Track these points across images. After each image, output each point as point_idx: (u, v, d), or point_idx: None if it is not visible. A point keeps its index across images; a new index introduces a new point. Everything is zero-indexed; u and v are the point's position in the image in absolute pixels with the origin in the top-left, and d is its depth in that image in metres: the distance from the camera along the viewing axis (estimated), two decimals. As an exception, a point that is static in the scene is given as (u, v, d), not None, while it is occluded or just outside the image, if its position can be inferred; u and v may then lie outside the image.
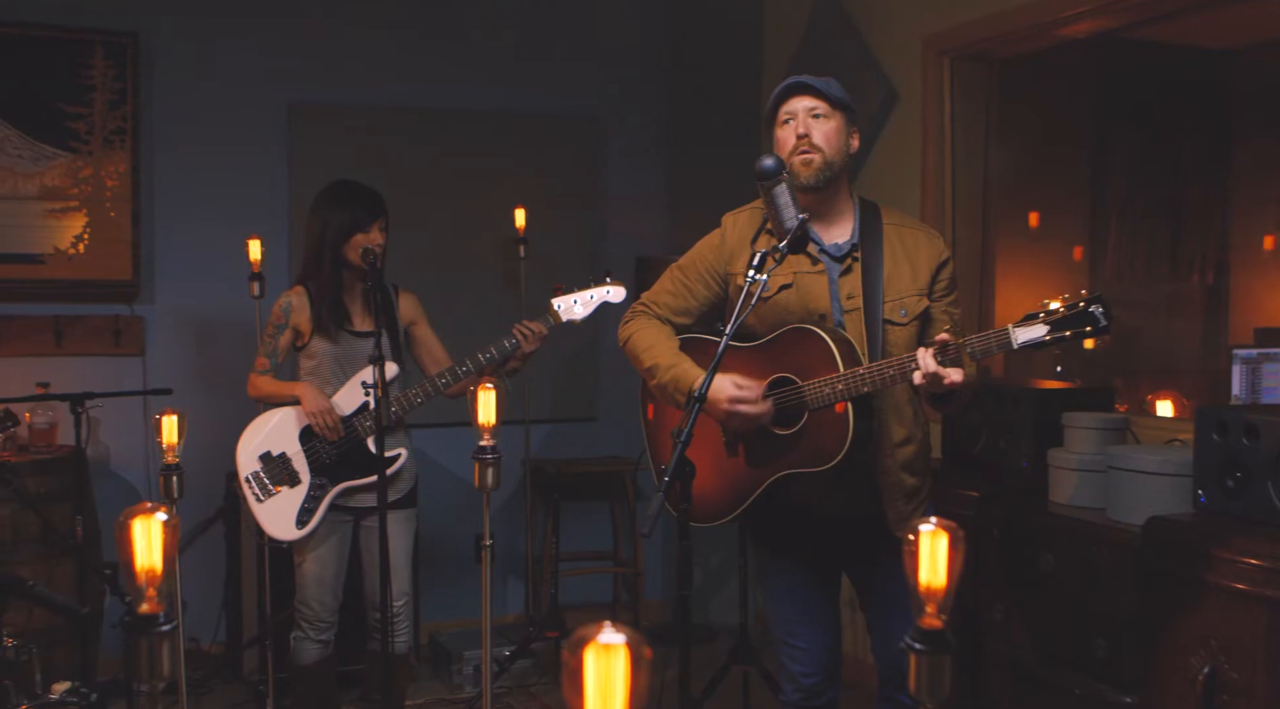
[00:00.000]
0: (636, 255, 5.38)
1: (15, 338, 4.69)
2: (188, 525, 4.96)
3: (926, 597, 1.50)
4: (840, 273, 2.77)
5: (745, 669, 4.13)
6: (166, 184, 4.92)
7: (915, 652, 1.50)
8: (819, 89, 2.75)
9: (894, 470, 2.77)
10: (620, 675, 1.01)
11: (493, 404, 2.48)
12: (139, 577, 1.49)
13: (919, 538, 1.49)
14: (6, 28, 4.63)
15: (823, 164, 2.74)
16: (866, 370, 2.59)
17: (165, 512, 1.51)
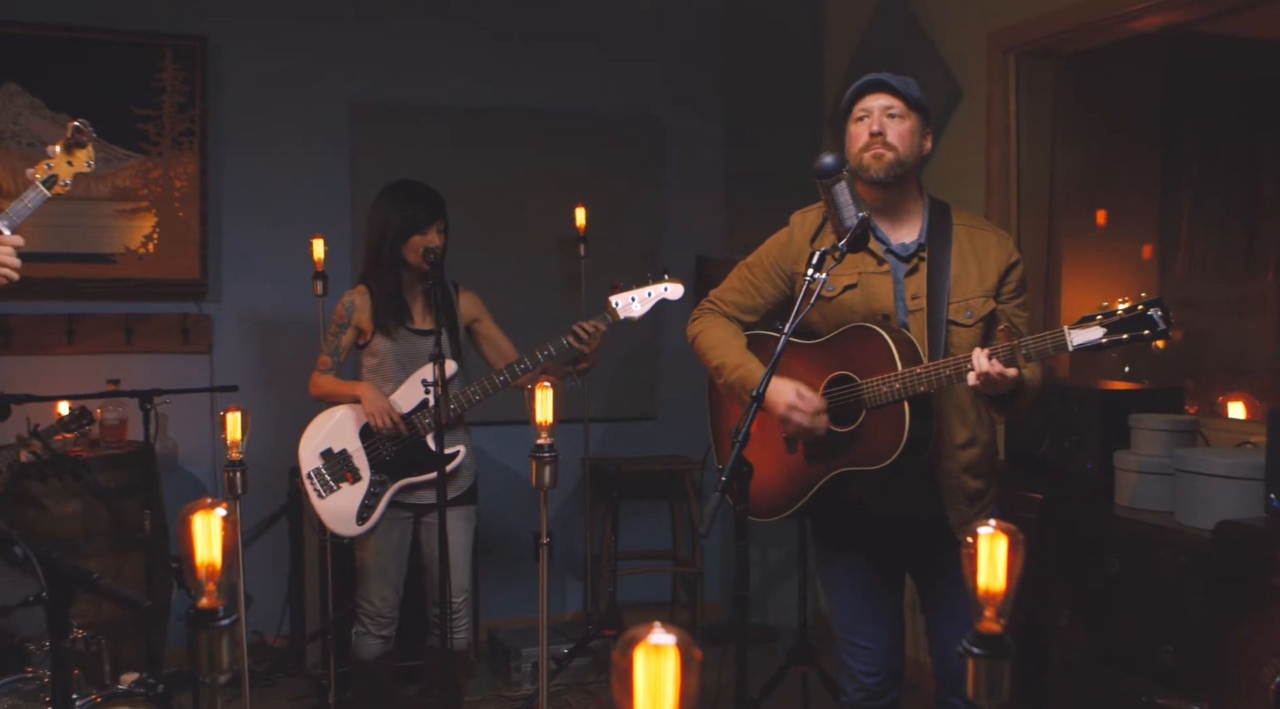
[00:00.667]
0: (696, 254, 5.38)
1: (88, 335, 4.79)
2: (252, 521, 5.03)
3: (985, 600, 1.48)
4: (906, 272, 2.76)
5: (804, 670, 4.11)
6: (233, 184, 4.99)
7: (973, 656, 1.48)
8: (896, 88, 2.73)
9: (956, 473, 2.74)
10: (670, 676, 1.01)
11: (550, 403, 2.48)
12: (199, 571, 1.51)
13: (978, 541, 1.47)
14: (80, 33, 4.73)
15: (894, 161, 2.72)
16: (924, 370, 2.57)
17: (225, 507, 1.52)
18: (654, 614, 5.47)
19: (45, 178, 2.33)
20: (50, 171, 2.34)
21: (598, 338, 3.76)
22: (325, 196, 5.07)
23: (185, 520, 1.50)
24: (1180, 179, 5.41)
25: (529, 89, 5.32)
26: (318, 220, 4.84)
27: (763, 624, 5.42)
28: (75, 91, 4.71)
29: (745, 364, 2.83)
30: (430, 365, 3.58)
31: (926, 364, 2.59)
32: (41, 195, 2.31)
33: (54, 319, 4.74)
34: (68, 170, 2.36)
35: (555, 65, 5.36)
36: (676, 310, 5.41)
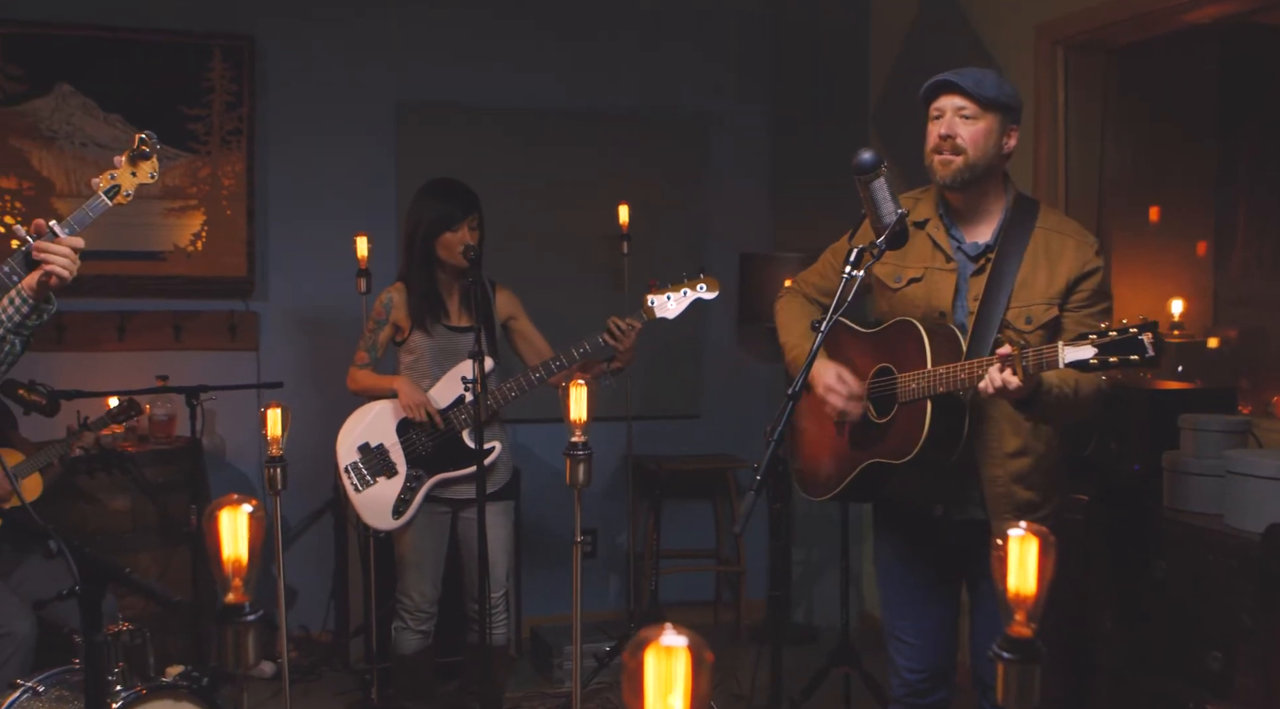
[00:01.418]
0: (740, 251, 5.36)
1: (138, 332, 4.85)
2: (298, 517, 5.08)
3: (1016, 604, 1.45)
4: (972, 272, 2.73)
5: (846, 671, 4.07)
6: (280, 182, 5.04)
7: (1003, 660, 1.45)
8: (967, 89, 2.66)
9: (1004, 481, 2.70)
10: (681, 678, 0.99)
11: (584, 400, 2.48)
12: (225, 567, 1.52)
13: (1008, 543, 1.45)
14: (131, 34, 4.79)
15: (963, 166, 2.67)
16: (944, 371, 2.57)
17: (252, 504, 1.53)
18: (697, 613, 5.49)
19: (108, 188, 2.38)
20: (113, 181, 2.38)
21: (632, 336, 3.75)
22: (370, 194, 5.10)
23: (212, 517, 1.51)
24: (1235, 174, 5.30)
25: (574, 87, 5.32)
26: (363, 218, 4.88)
27: (807, 624, 5.40)
28: (126, 92, 4.78)
29: (801, 346, 2.90)
30: (468, 362, 3.60)
31: (949, 365, 2.58)
32: (103, 204, 2.36)
33: (106, 316, 4.81)
34: (131, 181, 2.41)
35: (600, 63, 5.36)
36: (721, 308, 5.43)
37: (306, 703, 4.49)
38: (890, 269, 2.82)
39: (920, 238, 2.78)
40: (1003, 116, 2.69)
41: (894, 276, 2.81)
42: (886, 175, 2.53)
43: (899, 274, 2.80)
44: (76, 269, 2.26)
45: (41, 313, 2.29)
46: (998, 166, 2.73)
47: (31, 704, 3.07)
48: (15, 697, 3.07)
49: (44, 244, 2.21)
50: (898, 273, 2.81)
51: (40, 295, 2.27)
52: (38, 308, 2.28)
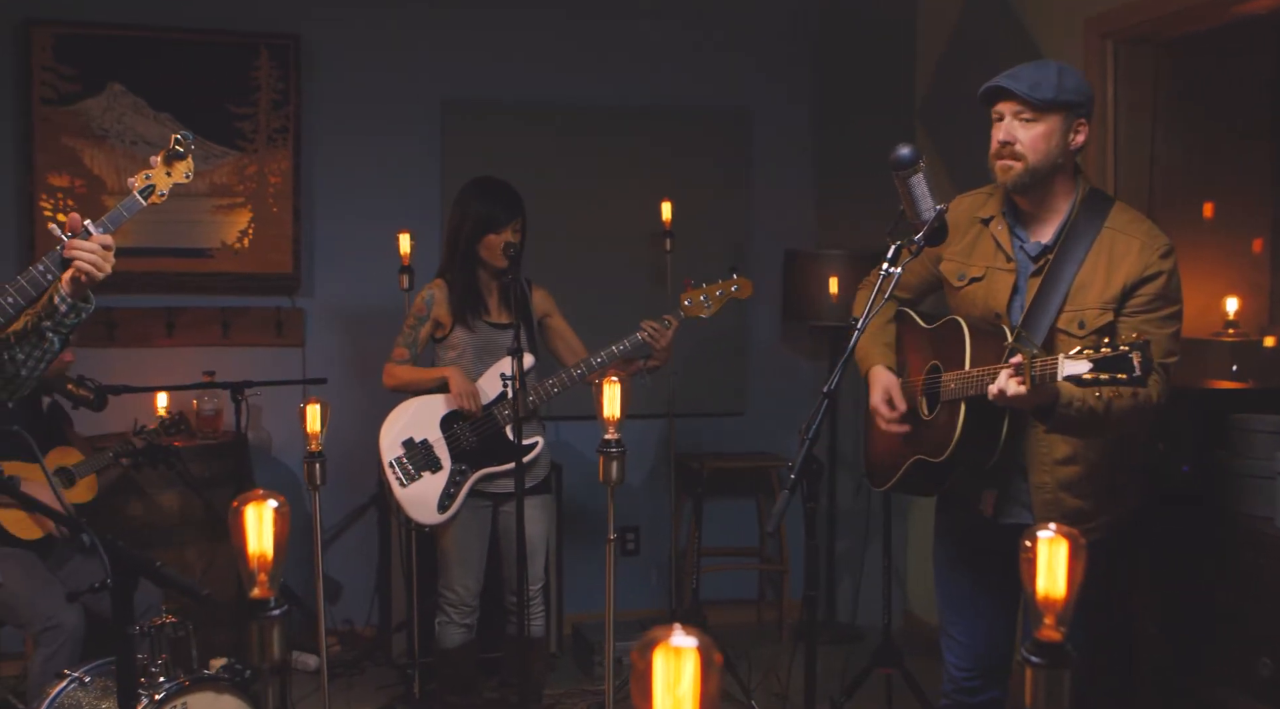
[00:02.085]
0: (785, 248, 5.32)
1: (187, 328, 4.92)
2: (342, 512, 5.13)
3: (1044, 607, 1.43)
4: (1032, 273, 2.68)
5: (888, 671, 4.04)
6: (325, 180, 5.08)
7: (1031, 665, 1.42)
8: (1021, 95, 2.59)
9: (1050, 487, 2.65)
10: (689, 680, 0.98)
11: (618, 398, 2.48)
12: (251, 562, 1.52)
13: (1036, 545, 1.42)
14: (180, 33, 4.85)
15: (1022, 171, 2.61)
16: (978, 373, 2.55)
17: (278, 499, 1.54)
18: (740, 611, 5.47)
19: (143, 188, 2.41)
20: (148, 181, 2.42)
21: (668, 335, 3.78)
22: (415, 191, 5.13)
23: (237, 512, 1.52)
24: (1293, 169, 5.17)
25: (617, 83, 5.32)
26: (407, 215, 4.91)
27: (852, 624, 5.35)
28: (176, 91, 4.84)
29: (869, 346, 2.90)
30: (508, 359, 3.66)
31: (971, 369, 2.57)
32: (137, 203, 2.39)
33: (155, 312, 4.88)
34: (166, 181, 2.44)
35: (644, 59, 5.35)
36: (766, 305, 5.40)
37: (349, 696, 4.52)
38: (955, 266, 2.79)
39: (985, 236, 2.74)
40: (1066, 114, 2.61)
41: (957, 275, 2.78)
42: (925, 170, 2.50)
43: (962, 272, 2.77)
44: (109, 267, 2.29)
45: (79, 311, 2.32)
46: (1064, 164, 2.66)
47: (77, 693, 3.12)
48: (62, 686, 3.13)
49: (75, 242, 2.24)
50: (961, 270, 2.77)
51: (77, 294, 2.30)
52: (75, 306, 2.31)
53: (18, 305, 2.26)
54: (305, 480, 3.03)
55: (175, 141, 2.44)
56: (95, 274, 2.25)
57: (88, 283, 2.27)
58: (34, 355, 2.29)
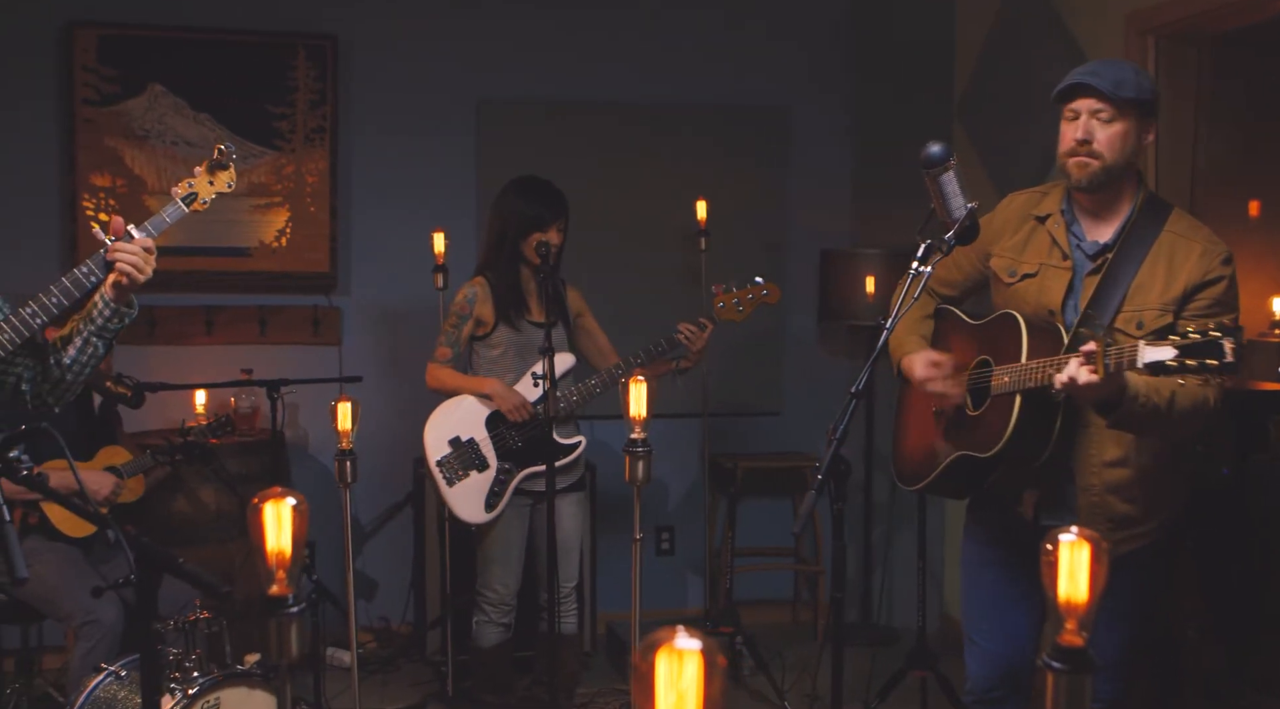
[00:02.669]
0: (821, 248, 5.29)
1: (225, 326, 4.97)
2: (377, 509, 5.16)
3: (1066, 612, 1.40)
4: (1089, 272, 2.64)
5: (922, 674, 4.00)
6: (362, 179, 5.11)
7: (1053, 670, 1.40)
8: (1104, 91, 2.54)
9: (1098, 490, 2.60)
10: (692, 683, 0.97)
11: (644, 397, 2.47)
12: (269, 559, 1.53)
13: (1058, 549, 1.40)
14: (219, 34, 4.90)
15: (1099, 169, 2.57)
16: (1036, 364, 2.49)
17: (296, 497, 1.54)
18: (775, 611, 5.44)
19: (185, 195, 2.45)
20: (191, 189, 2.46)
21: (703, 337, 3.77)
22: (450, 190, 5.15)
23: (256, 509, 1.52)
24: (1341, 167, 5.07)
25: (653, 81, 5.31)
26: (443, 214, 4.92)
27: (888, 625, 5.32)
28: (215, 91, 4.89)
29: (904, 339, 2.85)
30: (559, 356, 3.72)
31: (1033, 360, 2.50)
32: (180, 210, 2.43)
33: (194, 310, 4.93)
34: (208, 189, 2.48)
35: (680, 57, 5.34)
36: (802, 305, 5.37)
37: (384, 693, 4.54)
38: (1006, 262, 2.75)
39: (1040, 233, 2.70)
40: (1140, 114, 2.57)
41: (1008, 271, 2.73)
42: (956, 168, 2.47)
43: (1014, 268, 2.72)
44: (150, 270, 2.32)
45: (123, 316, 2.35)
46: (1133, 165, 2.63)
47: (113, 687, 3.16)
48: (100, 679, 3.17)
49: (118, 245, 2.27)
50: (1013, 267, 2.72)
51: (120, 298, 2.33)
52: (118, 310, 2.34)
53: (61, 306, 2.29)
54: (336, 478, 3.04)
55: (218, 152, 2.48)
56: (137, 277, 2.28)
57: (129, 286, 2.30)
58: (79, 360, 2.32)
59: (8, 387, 2.34)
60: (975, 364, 2.70)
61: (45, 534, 3.64)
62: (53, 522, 3.63)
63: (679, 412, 5.16)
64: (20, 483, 1.84)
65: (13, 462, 1.84)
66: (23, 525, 3.65)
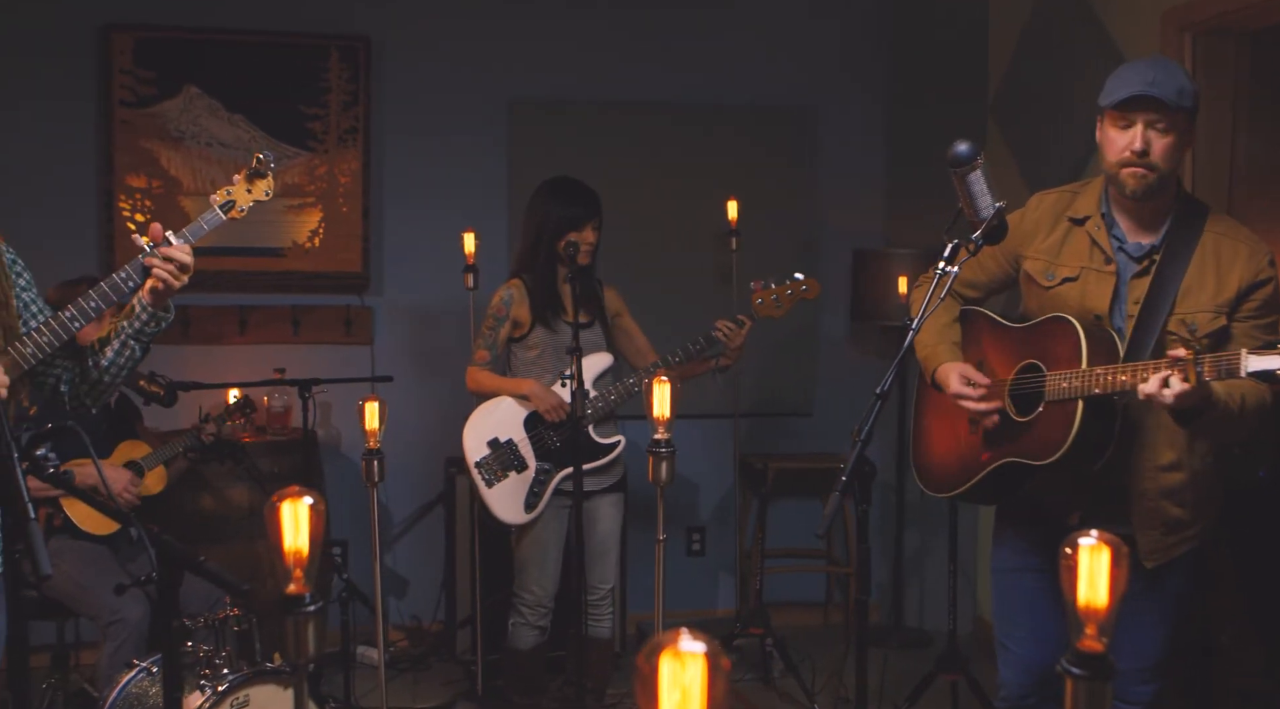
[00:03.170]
0: (853, 248, 5.26)
1: (258, 326, 5.00)
2: (409, 508, 5.18)
3: (1086, 616, 1.38)
4: (1134, 274, 2.59)
5: (953, 678, 3.97)
6: (394, 179, 5.13)
7: (1072, 676, 1.38)
8: (1168, 103, 2.45)
9: (1153, 495, 2.56)
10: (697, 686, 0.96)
11: (667, 397, 2.46)
12: (286, 558, 1.53)
13: (1077, 552, 1.38)
14: (254, 36, 4.94)
15: (1156, 180, 2.51)
16: (1103, 371, 2.43)
17: (312, 496, 1.55)
18: (806, 613, 5.42)
19: (223, 203, 2.47)
20: (229, 197, 2.48)
21: (742, 334, 3.75)
22: (482, 190, 5.16)
23: (274, 508, 1.53)
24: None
25: (684, 81, 5.30)
26: (474, 214, 4.93)
27: (920, 628, 5.28)
28: (249, 93, 4.92)
29: (935, 345, 2.79)
30: (590, 357, 3.72)
31: (1108, 366, 2.44)
32: (218, 218, 2.46)
33: (228, 310, 4.97)
34: (246, 197, 2.51)
35: (711, 56, 5.32)
36: (834, 305, 5.34)
37: (415, 692, 4.56)
38: (1042, 265, 2.68)
39: (1078, 235, 2.65)
40: (1191, 120, 2.51)
41: (1046, 274, 2.67)
42: (983, 167, 2.44)
43: (1051, 271, 2.66)
44: (186, 278, 2.34)
45: (159, 320, 2.38)
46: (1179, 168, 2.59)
47: (144, 683, 3.19)
48: (131, 676, 3.21)
49: (164, 249, 2.30)
50: (1050, 270, 2.66)
51: (158, 304, 2.36)
52: (155, 315, 2.36)
53: (99, 310, 2.31)
54: (364, 477, 3.05)
55: (258, 161, 2.51)
56: (173, 284, 2.31)
57: (165, 292, 2.32)
58: (116, 362, 2.35)
59: (46, 387, 2.38)
60: (1021, 368, 2.64)
61: (70, 534, 3.68)
62: (75, 521, 3.67)
63: (710, 412, 5.15)
64: (47, 480, 1.86)
65: (39, 459, 1.85)
66: (47, 526, 3.69)
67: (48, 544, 3.65)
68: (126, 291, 2.35)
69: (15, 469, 1.77)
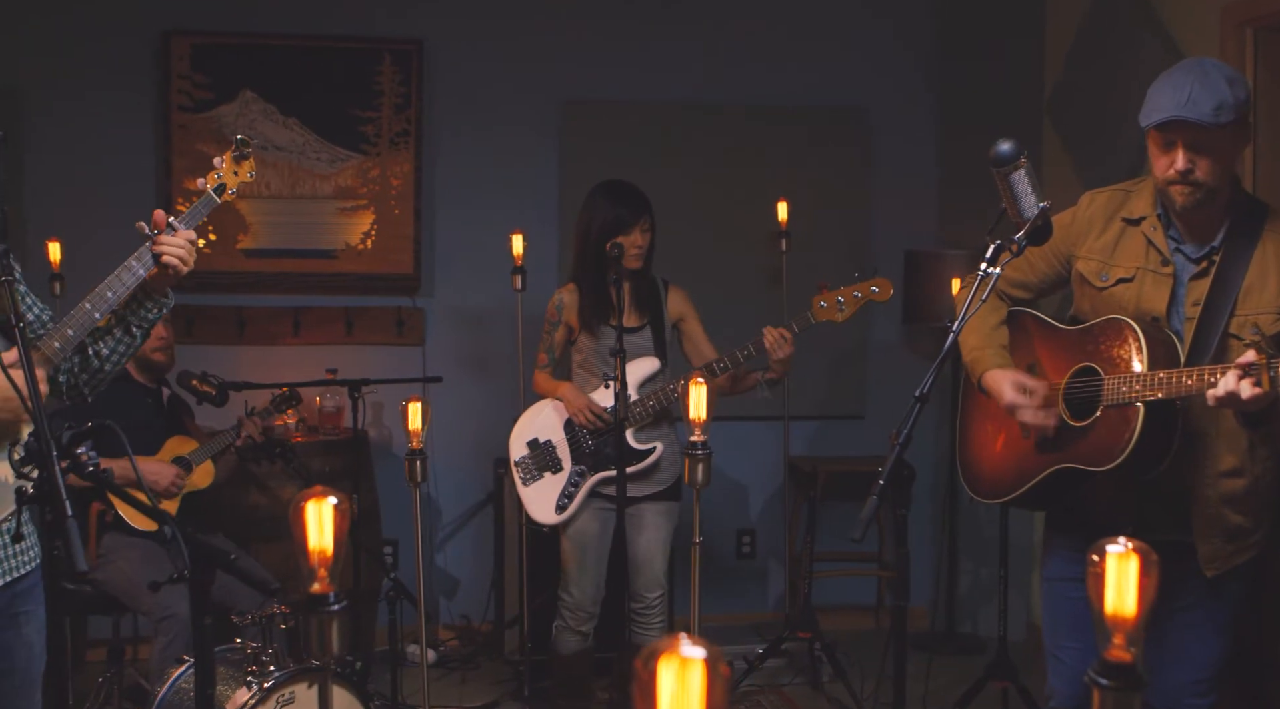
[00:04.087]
0: (905, 249, 5.21)
1: (312, 327, 5.06)
2: (459, 509, 5.21)
3: (1114, 626, 1.35)
4: (1193, 275, 2.53)
5: (1003, 685, 3.91)
6: (445, 181, 5.17)
7: (1100, 687, 1.35)
8: (1205, 124, 2.38)
9: (1214, 502, 2.50)
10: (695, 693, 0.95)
11: (704, 399, 2.45)
12: (311, 557, 1.54)
13: (1104, 560, 1.35)
14: (308, 41, 5.00)
15: (1203, 196, 2.45)
16: (1166, 375, 2.37)
17: (337, 496, 1.56)
18: (857, 617, 5.37)
19: (215, 186, 2.49)
20: (220, 181, 2.50)
21: (786, 348, 3.65)
22: (534, 192, 5.18)
23: (298, 508, 1.54)
24: None
25: (736, 82, 5.28)
26: (526, 216, 4.95)
27: (973, 634, 5.21)
28: (303, 97, 4.99)
29: (982, 349, 2.74)
30: (636, 361, 3.71)
31: (1171, 370, 2.38)
32: (213, 201, 2.48)
33: (282, 311, 5.04)
34: (234, 180, 2.53)
35: (762, 58, 5.30)
36: (886, 307, 5.25)
37: (463, 691, 4.59)
38: (1096, 265, 2.63)
39: (1133, 235, 2.59)
40: (1240, 125, 2.44)
41: (1099, 274, 2.61)
42: (1027, 166, 2.40)
43: (1105, 272, 2.60)
44: (193, 261, 2.36)
45: (161, 307, 2.40)
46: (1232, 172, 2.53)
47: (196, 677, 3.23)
48: (181, 671, 3.25)
49: (163, 237, 2.32)
50: (1104, 270, 2.61)
51: (160, 290, 2.38)
52: (159, 301, 2.39)
53: (117, 298, 2.33)
54: (406, 477, 3.07)
55: (239, 142, 2.52)
56: (182, 267, 2.33)
57: (173, 276, 2.34)
58: (117, 350, 2.37)
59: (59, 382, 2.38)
60: (1075, 372, 2.58)
61: (123, 530, 3.75)
62: (125, 517, 3.73)
63: (761, 414, 5.12)
64: (86, 478, 1.89)
65: (79, 457, 1.88)
66: (99, 521, 3.76)
67: (101, 541, 3.77)
68: (139, 279, 2.35)
69: (54, 467, 1.79)
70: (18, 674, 2.21)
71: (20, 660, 2.22)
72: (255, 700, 3.07)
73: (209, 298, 4.94)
